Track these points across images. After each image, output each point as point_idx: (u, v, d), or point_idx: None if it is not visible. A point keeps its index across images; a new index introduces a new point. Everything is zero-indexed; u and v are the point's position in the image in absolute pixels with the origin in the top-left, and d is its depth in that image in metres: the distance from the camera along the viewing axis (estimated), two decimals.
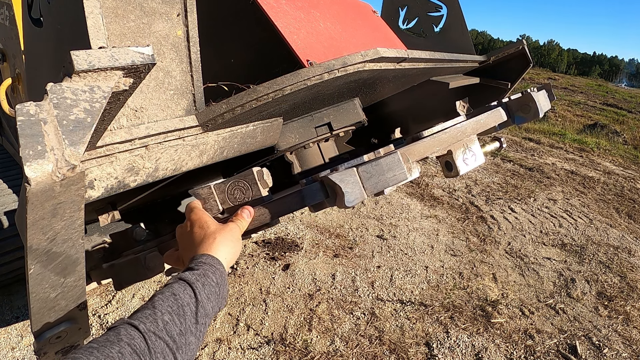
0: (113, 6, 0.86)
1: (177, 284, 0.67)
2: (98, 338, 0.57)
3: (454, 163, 1.13)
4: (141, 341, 0.56)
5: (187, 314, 0.63)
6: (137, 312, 0.62)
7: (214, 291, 0.69)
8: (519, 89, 1.60)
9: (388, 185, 0.89)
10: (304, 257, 3.15)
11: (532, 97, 1.38)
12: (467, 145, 1.17)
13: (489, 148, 1.34)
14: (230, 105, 0.95)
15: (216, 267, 0.73)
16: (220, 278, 0.72)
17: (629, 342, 2.50)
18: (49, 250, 0.56)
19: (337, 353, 2.27)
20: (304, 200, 0.87)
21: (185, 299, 0.65)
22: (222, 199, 0.88)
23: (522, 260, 3.34)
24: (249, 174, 0.87)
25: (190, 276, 0.68)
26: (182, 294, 0.65)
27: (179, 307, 0.63)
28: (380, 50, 1.06)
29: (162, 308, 0.62)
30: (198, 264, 0.72)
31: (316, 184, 0.88)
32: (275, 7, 1.30)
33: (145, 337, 0.57)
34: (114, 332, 0.57)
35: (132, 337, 0.56)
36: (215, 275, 0.71)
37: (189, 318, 0.63)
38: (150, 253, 0.95)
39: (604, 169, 6.06)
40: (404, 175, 0.91)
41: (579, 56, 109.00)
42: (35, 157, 0.45)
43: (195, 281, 0.68)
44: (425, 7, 2.24)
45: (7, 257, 2.13)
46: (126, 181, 0.86)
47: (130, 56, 0.54)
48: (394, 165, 0.90)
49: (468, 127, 1.22)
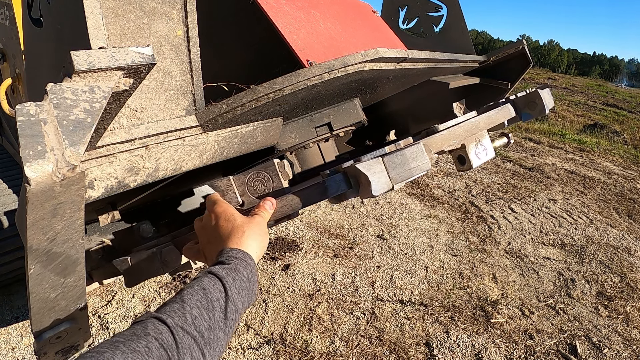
0: (113, 6, 0.86)
1: (206, 278, 0.65)
2: (124, 332, 0.55)
3: (467, 156, 1.16)
4: (169, 336, 0.55)
5: (216, 309, 0.61)
6: (165, 305, 0.60)
7: (245, 286, 0.67)
8: (519, 89, 1.60)
9: (412, 175, 0.90)
10: (304, 257, 3.15)
11: (538, 94, 1.44)
12: (479, 139, 1.21)
13: (497, 143, 1.37)
14: (231, 106, 0.95)
15: (247, 262, 0.71)
16: (251, 273, 0.70)
17: (629, 342, 2.50)
18: (49, 250, 0.56)
19: (337, 353, 2.27)
20: (327, 191, 0.86)
21: (215, 294, 0.63)
22: (242, 191, 0.86)
23: (522, 260, 3.34)
24: (270, 165, 0.86)
25: (220, 270, 0.66)
26: (212, 289, 0.63)
27: (208, 302, 0.61)
28: (380, 51, 1.06)
29: (190, 302, 0.60)
30: (229, 258, 0.69)
31: (339, 175, 0.88)
32: (275, 7, 1.30)
33: (172, 331, 0.55)
34: (140, 325, 0.55)
35: (160, 332, 0.54)
36: (247, 270, 0.69)
37: (217, 313, 0.61)
38: (165, 247, 0.93)
39: (604, 169, 6.06)
40: (427, 165, 0.93)
41: (579, 56, 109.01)
42: (35, 158, 0.45)
43: (226, 276, 0.66)
44: (425, 7, 2.24)
45: (7, 257, 2.13)
46: (126, 181, 0.86)
47: (131, 56, 0.54)
48: (418, 155, 0.92)
49: (481, 122, 1.26)
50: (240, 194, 0.86)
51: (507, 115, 1.42)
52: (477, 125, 1.24)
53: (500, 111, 1.38)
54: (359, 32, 1.70)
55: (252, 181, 0.86)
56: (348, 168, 0.87)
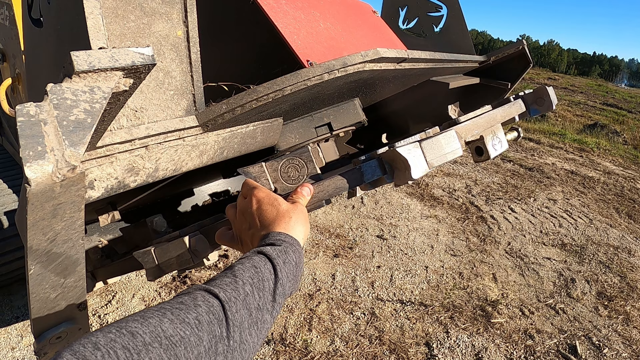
0: (113, 6, 0.86)
1: (257, 257, 0.62)
2: (170, 301, 0.51)
3: (485, 147, 1.22)
4: (220, 310, 0.51)
5: (266, 289, 0.59)
6: (215, 279, 0.57)
7: (293, 271, 0.65)
8: (518, 89, 1.61)
9: (446, 160, 0.95)
10: (303, 257, 3.15)
11: (546, 91, 1.51)
12: (495, 132, 1.28)
13: (509, 137, 1.44)
14: (231, 106, 0.95)
15: (295, 247, 0.69)
16: (299, 259, 0.68)
17: (629, 342, 2.50)
18: (49, 250, 0.56)
19: (337, 353, 2.27)
20: (363, 176, 0.87)
21: (266, 274, 0.60)
22: (275, 178, 0.85)
23: (522, 260, 3.34)
24: (305, 151, 0.85)
25: (271, 251, 0.64)
26: (263, 268, 0.60)
27: (259, 281, 0.58)
28: (380, 51, 1.06)
29: (243, 278, 0.57)
30: (278, 241, 0.67)
31: (374, 161, 0.89)
32: (276, 8, 1.30)
33: (224, 306, 0.52)
34: (189, 296, 0.52)
35: (211, 304, 0.51)
36: (295, 255, 0.67)
37: (267, 294, 0.58)
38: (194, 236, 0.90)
39: (604, 169, 6.06)
40: (459, 151, 0.98)
41: (579, 56, 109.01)
42: (36, 158, 0.45)
43: (277, 257, 0.63)
44: (425, 7, 2.24)
45: (7, 257, 2.13)
46: (126, 181, 0.86)
47: (131, 57, 0.54)
48: (452, 141, 0.97)
49: (498, 115, 1.34)
50: (273, 180, 0.85)
51: (519, 110, 1.50)
52: (495, 117, 1.32)
53: (513, 106, 1.47)
54: (359, 32, 1.70)
55: (285, 167, 0.85)
56: (384, 153, 0.89)
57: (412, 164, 0.85)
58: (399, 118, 2.21)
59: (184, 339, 0.46)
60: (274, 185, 0.85)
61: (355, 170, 0.87)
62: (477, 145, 1.22)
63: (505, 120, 1.41)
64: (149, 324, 0.45)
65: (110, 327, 0.44)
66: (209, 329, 0.49)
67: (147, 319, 0.46)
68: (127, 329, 0.44)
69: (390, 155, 0.88)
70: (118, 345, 0.42)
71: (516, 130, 1.50)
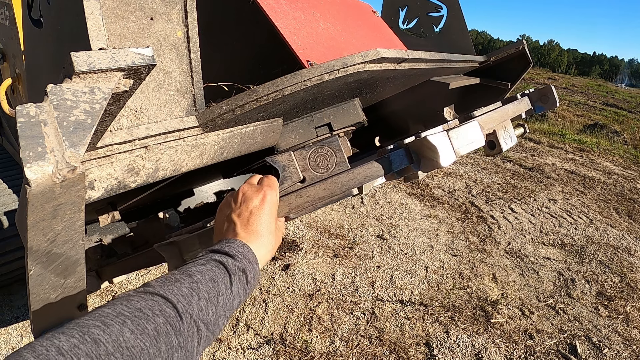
0: (113, 7, 0.86)
1: (217, 269, 0.63)
2: (127, 305, 0.51)
3: (497, 141, 1.29)
4: (177, 321, 0.53)
5: (219, 305, 0.60)
6: (171, 284, 0.57)
7: (243, 290, 0.66)
8: (518, 89, 1.63)
9: (470, 149, 0.99)
10: (304, 257, 3.15)
11: (551, 89, 1.57)
12: (505, 127, 1.34)
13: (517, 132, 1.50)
14: (231, 106, 0.95)
15: (254, 267, 0.68)
16: (254, 279, 0.68)
17: (629, 342, 2.50)
18: (49, 251, 0.56)
19: (337, 353, 2.28)
20: (392, 165, 0.89)
21: (222, 289, 0.61)
22: (303, 166, 0.85)
23: (522, 260, 3.34)
24: (334, 140, 0.86)
25: (232, 266, 0.64)
26: (220, 283, 0.61)
27: (215, 296, 0.60)
28: (381, 51, 1.06)
29: (199, 292, 0.58)
30: (239, 255, 0.67)
31: (401, 150, 0.91)
32: (276, 8, 1.30)
33: (182, 318, 0.53)
34: (146, 303, 0.52)
35: (169, 316, 0.52)
36: (251, 275, 0.67)
37: (220, 309, 0.60)
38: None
39: (604, 169, 6.06)
40: (482, 141, 1.03)
41: (579, 56, 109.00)
42: (36, 159, 0.45)
43: (234, 274, 0.64)
44: (425, 8, 2.24)
45: (7, 257, 2.13)
46: (126, 182, 0.86)
47: (131, 57, 0.54)
48: (475, 131, 1.01)
49: (509, 110, 1.40)
50: (302, 169, 0.85)
51: (526, 107, 1.57)
52: (507, 112, 1.38)
53: (521, 103, 1.54)
54: (359, 33, 1.70)
55: (314, 156, 0.85)
56: (412, 143, 0.92)
57: (441, 151, 0.87)
58: (396, 119, 2.21)
59: (144, 350, 0.47)
60: (303, 174, 0.85)
61: (384, 159, 0.88)
62: (490, 140, 1.28)
63: (514, 116, 1.47)
64: (111, 333, 0.45)
65: (71, 331, 0.44)
66: (167, 340, 0.50)
67: (109, 326, 0.46)
68: (90, 335, 0.44)
69: (418, 144, 0.90)
70: (82, 352, 0.42)
71: (523, 127, 1.58)
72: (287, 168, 0.84)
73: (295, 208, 0.82)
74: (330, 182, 0.83)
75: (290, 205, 0.83)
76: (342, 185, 0.83)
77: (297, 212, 0.83)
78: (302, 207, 0.82)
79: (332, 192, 0.83)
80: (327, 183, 0.83)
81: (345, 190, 0.84)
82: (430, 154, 0.88)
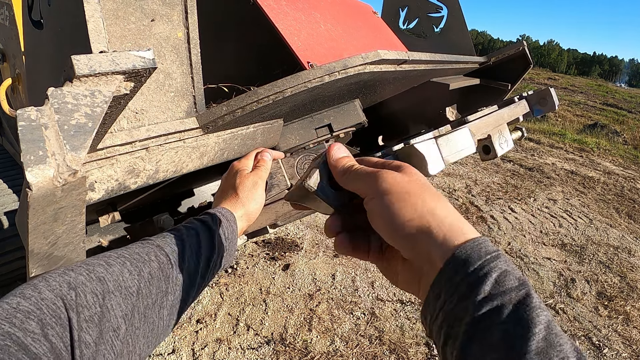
0: (114, 8, 0.86)
1: (200, 223, 0.71)
2: (127, 248, 0.57)
3: (492, 146, 1.25)
4: (168, 268, 0.58)
5: (203, 254, 0.66)
6: (165, 237, 0.64)
7: (230, 248, 0.74)
8: (519, 90, 1.63)
9: (460, 157, 0.96)
10: (304, 257, 3.16)
11: (549, 92, 1.55)
12: (501, 131, 1.31)
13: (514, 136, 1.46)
14: (231, 108, 0.95)
15: (233, 227, 0.76)
16: (233, 235, 0.75)
17: (629, 342, 2.51)
18: (50, 254, 0.56)
19: (337, 353, 2.28)
20: None
21: (206, 248, 0.68)
22: (291, 174, 0.85)
23: (522, 260, 3.34)
24: (322, 147, 0.85)
25: (215, 228, 0.71)
26: (202, 235, 0.68)
27: (198, 248, 0.66)
28: (381, 53, 1.06)
29: (189, 243, 0.64)
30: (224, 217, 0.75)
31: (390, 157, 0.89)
32: (276, 9, 1.30)
33: (172, 265, 0.59)
34: (143, 249, 0.58)
35: (162, 262, 0.58)
36: (232, 234, 0.75)
37: (202, 256, 0.66)
38: None
39: (604, 169, 6.06)
40: (473, 148, 1.00)
41: (579, 56, 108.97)
42: (37, 163, 0.45)
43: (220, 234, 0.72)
44: (425, 8, 2.24)
45: (7, 257, 2.12)
46: (127, 183, 0.86)
47: (131, 60, 0.54)
48: (466, 138, 0.98)
49: (505, 114, 1.37)
50: (290, 176, 0.85)
51: (524, 110, 1.55)
52: (502, 116, 1.35)
53: (518, 106, 1.51)
54: (359, 33, 1.70)
55: (302, 163, 0.85)
56: (400, 150, 0.90)
57: (429, 160, 0.86)
58: (399, 119, 2.21)
59: (139, 290, 0.52)
60: (290, 181, 0.84)
61: None
62: (485, 144, 1.26)
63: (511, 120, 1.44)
64: (112, 272, 0.50)
65: (80, 268, 0.48)
66: (158, 285, 0.55)
67: (111, 266, 0.51)
68: (95, 274, 0.48)
69: (406, 152, 0.89)
70: (88, 289, 0.46)
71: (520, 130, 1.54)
72: (274, 175, 0.85)
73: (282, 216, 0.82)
74: None
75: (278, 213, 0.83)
76: None
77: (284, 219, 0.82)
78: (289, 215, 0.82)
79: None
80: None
81: None
82: (418, 162, 0.87)
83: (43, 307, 0.41)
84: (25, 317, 0.39)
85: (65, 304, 0.43)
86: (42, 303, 0.41)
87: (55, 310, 0.42)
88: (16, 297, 0.42)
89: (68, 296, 0.44)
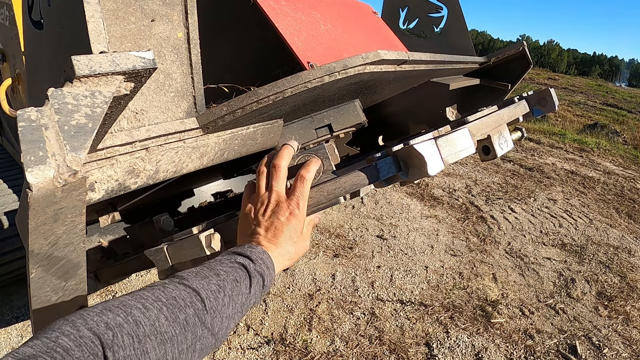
0: (114, 8, 0.86)
1: (240, 271, 0.67)
2: (163, 291, 0.56)
3: (492, 147, 1.25)
4: (203, 314, 0.58)
5: (238, 303, 0.65)
6: (202, 280, 0.61)
7: (259, 292, 0.70)
8: (519, 90, 1.62)
9: (460, 157, 0.95)
10: (303, 257, 3.16)
11: (549, 92, 1.54)
12: (501, 132, 1.30)
13: (514, 136, 1.46)
14: (231, 108, 0.95)
15: (271, 273, 0.72)
16: (269, 283, 0.72)
17: (629, 342, 2.51)
18: (50, 254, 0.56)
19: (337, 353, 2.28)
20: (379, 173, 0.87)
21: (242, 289, 0.66)
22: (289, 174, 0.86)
23: (522, 260, 3.34)
24: (321, 148, 0.85)
25: (252, 270, 0.68)
26: (242, 284, 0.66)
27: (237, 295, 0.65)
28: (381, 53, 1.06)
29: (225, 289, 0.63)
30: (259, 260, 0.71)
31: (389, 158, 0.89)
32: (276, 9, 1.30)
33: (208, 310, 0.59)
34: (179, 293, 0.57)
35: (198, 308, 0.58)
36: (268, 280, 0.71)
37: (237, 307, 0.65)
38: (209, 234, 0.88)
39: (604, 169, 6.06)
40: (472, 148, 0.99)
41: (579, 56, 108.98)
42: (37, 163, 0.45)
43: (254, 276, 0.68)
44: (425, 8, 2.24)
45: (7, 257, 2.13)
46: (127, 183, 0.86)
47: (132, 61, 0.54)
48: (465, 138, 0.98)
49: (504, 114, 1.36)
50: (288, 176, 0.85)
51: (523, 110, 1.54)
52: (502, 117, 1.34)
53: (518, 106, 1.51)
54: (359, 34, 1.70)
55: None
56: (399, 150, 0.89)
57: (428, 160, 0.85)
58: (399, 119, 2.21)
59: (173, 337, 0.52)
60: (289, 182, 0.85)
61: (371, 167, 0.87)
62: (485, 145, 1.25)
63: (510, 121, 1.43)
64: (149, 316, 0.51)
65: (117, 309, 0.50)
66: (193, 330, 0.56)
67: (148, 310, 0.52)
68: (132, 316, 0.50)
69: (406, 152, 0.88)
70: (124, 331, 0.47)
71: (520, 131, 1.54)
72: None
73: None
74: (316, 190, 0.83)
75: None
76: (328, 194, 0.83)
77: None
78: None
79: (318, 200, 0.84)
80: (313, 191, 0.83)
81: (331, 199, 0.83)
82: (418, 162, 0.86)
83: (82, 344, 0.43)
84: (65, 352, 0.41)
85: (102, 342, 0.45)
86: (80, 340, 0.43)
87: (92, 348, 0.43)
88: (55, 332, 0.43)
89: (105, 335, 0.45)
